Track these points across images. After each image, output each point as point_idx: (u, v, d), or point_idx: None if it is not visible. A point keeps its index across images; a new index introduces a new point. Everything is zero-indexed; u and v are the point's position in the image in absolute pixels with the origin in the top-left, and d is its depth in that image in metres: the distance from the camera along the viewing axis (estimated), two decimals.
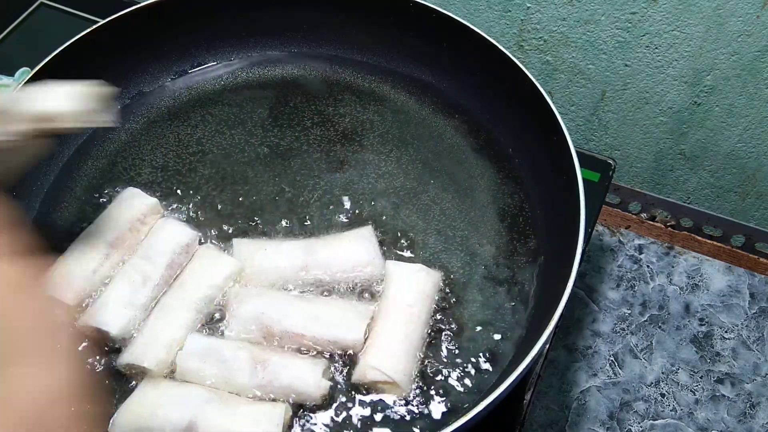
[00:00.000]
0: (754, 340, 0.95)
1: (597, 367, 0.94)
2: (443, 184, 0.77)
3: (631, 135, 1.03)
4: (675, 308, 0.98)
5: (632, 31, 0.90)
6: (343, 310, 0.65)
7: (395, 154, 0.79)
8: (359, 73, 0.87)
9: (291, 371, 0.61)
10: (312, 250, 0.69)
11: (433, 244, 0.72)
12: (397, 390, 0.62)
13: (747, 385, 0.92)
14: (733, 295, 0.99)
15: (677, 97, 0.95)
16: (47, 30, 0.97)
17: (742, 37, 0.85)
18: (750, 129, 0.94)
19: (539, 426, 0.89)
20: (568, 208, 0.66)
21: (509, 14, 0.96)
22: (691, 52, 0.89)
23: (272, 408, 0.59)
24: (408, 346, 0.63)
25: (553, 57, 0.98)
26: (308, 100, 0.84)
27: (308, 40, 0.89)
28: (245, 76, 0.87)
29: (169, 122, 0.83)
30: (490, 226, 0.74)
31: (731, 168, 1.01)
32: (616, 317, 0.98)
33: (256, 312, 0.64)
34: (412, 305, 0.65)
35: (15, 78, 0.91)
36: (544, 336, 0.57)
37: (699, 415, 0.90)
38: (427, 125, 0.82)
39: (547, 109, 0.71)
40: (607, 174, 0.84)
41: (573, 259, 0.61)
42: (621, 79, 0.96)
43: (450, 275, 0.70)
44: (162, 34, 0.84)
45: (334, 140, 0.81)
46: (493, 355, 0.65)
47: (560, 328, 0.95)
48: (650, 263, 1.02)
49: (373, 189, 0.76)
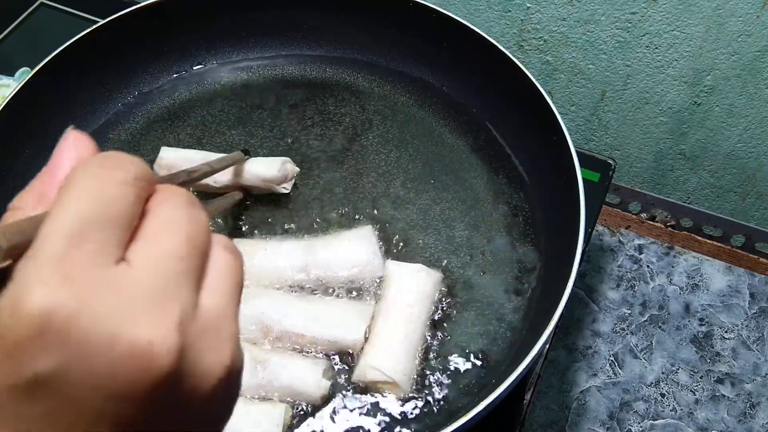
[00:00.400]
0: (754, 340, 0.95)
1: (597, 367, 0.94)
2: (443, 184, 0.77)
3: (631, 135, 1.03)
4: (675, 308, 0.98)
5: (632, 31, 0.90)
6: (343, 310, 0.65)
7: (395, 154, 0.79)
8: (359, 73, 0.87)
9: (291, 371, 0.61)
10: (312, 250, 0.69)
11: (433, 244, 0.72)
12: (397, 390, 0.62)
13: (747, 385, 0.92)
14: (733, 295, 0.99)
15: (677, 97, 0.95)
16: (47, 30, 0.97)
17: (742, 37, 0.85)
18: (750, 129, 0.94)
19: (539, 426, 0.89)
20: (568, 208, 0.66)
21: (509, 14, 0.96)
22: (691, 52, 0.89)
23: (272, 408, 0.59)
24: (408, 346, 0.63)
25: (553, 57, 0.98)
26: (308, 100, 0.84)
27: (308, 40, 0.89)
28: (245, 76, 0.87)
29: (169, 122, 0.83)
30: (490, 226, 0.74)
31: (731, 168, 1.01)
32: (616, 317, 0.98)
33: (256, 312, 0.64)
34: (412, 305, 0.65)
35: (15, 78, 0.91)
36: (544, 336, 0.57)
37: (699, 415, 0.90)
38: (427, 125, 0.82)
39: (547, 109, 0.71)
40: (607, 174, 0.84)
41: (573, 259, 0.61)
42: (621, 79, 0.96)
43: (450, 275, 0.70)
44: (162, 34, 0.84)
45: (334, 140, 0.81)
46: (492, 355, 0.65)
47: (560, 328, 0.95)
48: (650, 263, 1.02)
49: (373, 189, 0.76)
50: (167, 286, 0.26)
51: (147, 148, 0.80)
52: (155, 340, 0.25)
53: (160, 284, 0.26)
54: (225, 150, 0.79)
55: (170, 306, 0.26)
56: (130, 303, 0.25)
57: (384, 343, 0.63)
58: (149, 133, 0.82)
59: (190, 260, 0.28)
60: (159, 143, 0.80)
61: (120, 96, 0.84)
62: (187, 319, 0.26)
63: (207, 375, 0.27)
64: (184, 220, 0.28)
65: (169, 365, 0.25)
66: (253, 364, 0.61)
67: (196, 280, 0.28)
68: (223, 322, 0.28)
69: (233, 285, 0.29)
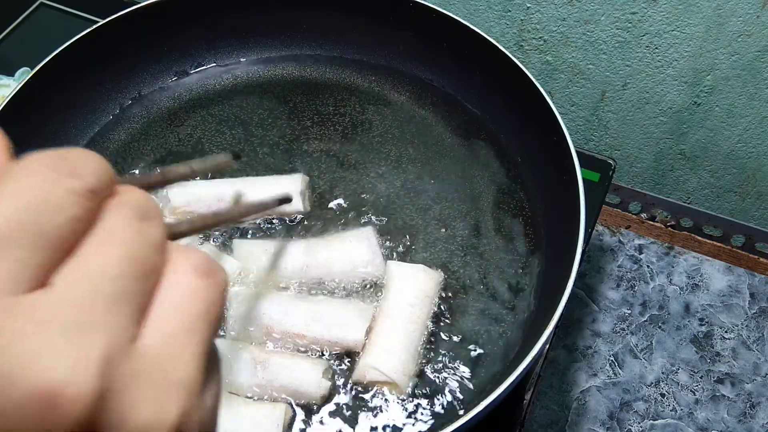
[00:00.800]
0: (754, 340, 0.95)
1: (597, 367, 0.94)
2: (443, 184, 0.77)
3: (631, 135, 1.03)
4: (675, 308, 0.98)
5: (632, 31, 0.90)
6: (344, 310, 0.65)
7: (395, 153, 0.79)
8: (359, 73, 0.87)
9: (291, 371, 0.61)
10: (312, 250, 0.69)
11: (433, 244, 0.72)
12: (397, 390, 0.62)
13: (747, 385, 0.92)
14: (733, 295, 0.99)
15: (677, 97, 0.95)
16: (47, 30, 0.97)
17: (742, 37, 0.85)
18: (750, 129, 0.94)
19: (539, 426, 0.89)
20: (568, 208, 0.66)
21: (509, 14, 0.96)
22: (691, 52, 0.89)
23: (272, 409, 0.59)
24: (408, 346, 0.63)
25: (553, 57, 0.98)
26: (308, 100, 0.84)
27: (308, 40, 0.89)
28: (245, 76, 0.87)
29: (169, 122, 0.83)
30: (490, 225, 0.74)
31: (731, 168, 1.01)
32: (616, 317, 0.97)
33: (256, 312, 0.64)
34: (413, 305, 0.65)
35: (15, 78, 0.91)
36: (544, 336, 0.57)
37: (699, 415, 0.90)
38: (427, 125, 0.82)
39: (547, 109, 0.71)
40: (607, 174, 0.84)
41: (573, 259, 0.61)
42: (621, 79, 0.96)
43: (450, 275, 0.70)
44: (162, 34, 0.84)
45: (334, 140, 0.81)
46: (492, 355, 0.65)
47: (560, 328, 0.95)
48: (650, 263, 1.02)
49: (373, 189, 0.76)
50: (91, 313, 0.21)
51: (147, 149, 0.80)
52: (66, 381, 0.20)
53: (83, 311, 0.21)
54: (225, 150, 0.79)
55: (92, 338, 0.20)
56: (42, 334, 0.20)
57: (384, 343, 0.63)
58: (149, 133, 0.82)
59: (127, 282, 0.22)
60: (159, 143, 0.80)
61: (120, 96, 0.84)
62: (115, 357, 0.21)
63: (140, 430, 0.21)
64: (127, 234, 0.22)
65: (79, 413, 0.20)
66: (253, 365, 0.61)
67: (135, 308, 0.22)
68: (171, 365, 0.22)
69: (194, 317, 0.23)
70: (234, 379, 0.61)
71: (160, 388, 0.22)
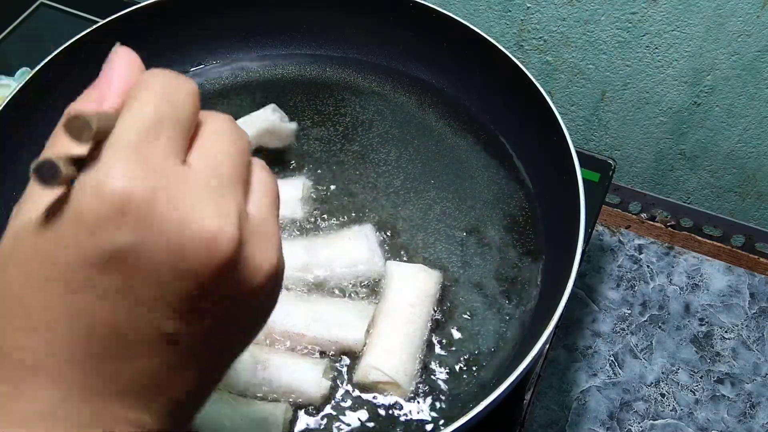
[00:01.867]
0: (754, 340, 0.95)
1: (597, 367, 0.94)
2: (443, 183, 0.77)
3: (631, 135, 1.03)
4: (675, 308, 0.98)
5: (632, 31, 0.90)
6: (344, 310, 0.65)
7: (395, 154, 0.79)
8: (359, 73, 0.87)
9: (291, 371, 0.61)
10: (312, 250, 0.69)
11: (433, 244, 0.72)
12: (398, 390, 0.62)
13: (747, 385, 0.92)
14: (733, 295, 0.99)
15: (677, 97, 0.95)
16: (47, 30, 0.97)
17: (742, 37, 0.85)
18: (750, 129, 0.94)
19: (539, 426, 0.89)
20: (568, 208, 0.66)
21: (509, 14, 0.96)
22: (691, 52, 0.89)
23: (273, 409, 0.59)
24: (409, 346, 0.63)
25: (553, 57, 0.98)
26: (308, 100, 0.84)
27: (308, 40, 0.89)
28: (245, 76, 0.87)
29: None
30: (490, 225, 0.74)
31: (731, 168, 1.01)
32: (616, 317, 0.98)
33: None
34: (413, 305, 0.65)
35: (15, 78, 0.91)
36: (544, 336, 0.57)
37: (699, 415, 0.90)
38: (427, 125, 0.82)
39: (547, 109, 0.71)
40: (607, 174, 0.84)
41: (573, 259, 0.61)
42: (621, 79, 0.96)
43: (450, 275, 0.70)
44: (162, 34, 0.84)
45: (334, 140, 0.81)
46: (492, 355, 0.65)
47: (560, 328, 0.95)
48: (650, 263, 1.02)
49: (373, 189, 0.76)
50: (224, 186, 0.29)
51: None
52: (220, 230, 0.28)
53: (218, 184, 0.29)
54: None
55: (229, 203, 0.29)
56: (196, 196, 0.28)
57: (385, 343, 0.63)
58: None
59: (240, 168, 0.31)
60: None
61: None
62: (242, 217, 0.29)
63: (258, 270, 0.30)
64: (232, 133, 0.31)
65: (231, 251, 0.28)
66: (253, 364, 0.61)
67: (244, 185, 0.31)
68: (268, 227, 0.31)
69: (273, 197, 0.33)
70: (234, 379, 0.61)
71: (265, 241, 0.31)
